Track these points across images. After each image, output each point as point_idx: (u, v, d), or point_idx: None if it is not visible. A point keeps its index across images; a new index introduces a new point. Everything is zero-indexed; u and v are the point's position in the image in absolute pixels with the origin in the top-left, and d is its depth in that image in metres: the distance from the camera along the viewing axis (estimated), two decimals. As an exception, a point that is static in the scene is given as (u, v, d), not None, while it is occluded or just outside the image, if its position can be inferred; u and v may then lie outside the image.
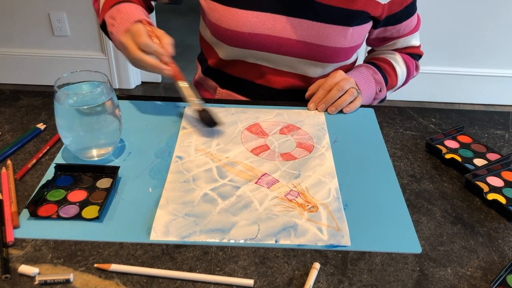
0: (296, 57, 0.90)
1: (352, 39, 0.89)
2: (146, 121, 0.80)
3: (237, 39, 0.88)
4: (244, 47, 0.89)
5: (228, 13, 0.86)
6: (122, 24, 0.77)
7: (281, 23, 0.86)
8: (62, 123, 0.66)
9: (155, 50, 0.73)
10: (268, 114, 0.84)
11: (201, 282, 0.53)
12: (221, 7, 0.87)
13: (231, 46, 0.90)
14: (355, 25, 0.87)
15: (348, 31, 0.87)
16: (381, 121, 0.85)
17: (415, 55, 1.03)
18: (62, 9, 2.20)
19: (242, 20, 0.86)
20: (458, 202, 0.67)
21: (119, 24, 0.77)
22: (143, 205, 0.62)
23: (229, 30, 0.87)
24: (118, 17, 0.78)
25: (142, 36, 0.73)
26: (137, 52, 0.73)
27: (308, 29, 0.86)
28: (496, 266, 0.58)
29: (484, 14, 2.20)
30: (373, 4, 0.86)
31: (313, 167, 0.71)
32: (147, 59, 0.73)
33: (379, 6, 0.87)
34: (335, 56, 0.90)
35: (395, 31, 0.95)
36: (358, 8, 0.86)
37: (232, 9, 0.86)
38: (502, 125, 0.87)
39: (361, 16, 0.87)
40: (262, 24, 0.86)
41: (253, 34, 0.87)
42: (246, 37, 0.87)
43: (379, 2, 0.87)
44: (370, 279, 0.55)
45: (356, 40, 0.90)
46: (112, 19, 0.80)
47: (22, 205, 0.61)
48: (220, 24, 0.88)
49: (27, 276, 0.52)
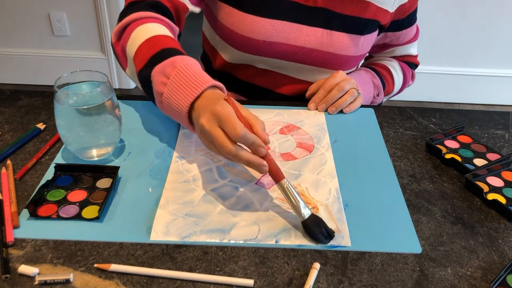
0: (308, 64, 0.90)
1: (362, 47, 0.90)
2: (146, 121, 0.80)
3: (250, 46, 0.87)
4: (256, 54, 0.89)
5: (244, 20, 0.84)
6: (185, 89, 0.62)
7: (296, 32, 0.86)
8: (62, 123, 0.66)
9: (251, 143, 0.57)
10: (268, 114, 0.84)
11: (201, 282, 0.53)
12: (236, 12, 0.85)
13: (242, 51, 0.89)
14: (366, 34, 0.88)
15: (360, 39, 0.88)
16: (381, 121, 0.85)
17: (412, 64, 1.04)
18: (62, 9, 2.20)
19: (257, 28, 0.84)
20: (458, 202, 0.67)
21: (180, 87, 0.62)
22: (143, 205, 0.62)
23: (243, 37, 0.86)
24: (174, 75, 0.63)
25: (238, 127, 0.56)
26: (230, 146, 0.57)
27: (322, 37, 0.86)
28: (496, 266, 0.58)
29: (484, 14, 2.20)
30: (383, 12, 0.87)
31: (313, 167, 0.71)
32: (243, 156, 0.57)
33: (388, 15, 0.88)
34: (346, 64, 0.90)
35: (394, 38, 0.96)
36: (369, 17, 0.86)
37: (248, 15, 0.84)
38: (502, 125, 0.87)
39: (372, 24, 0.88)
40: (277, 33, 0.85)
41: (267, 42, 0.86)
42: (260, 44, 0.86)
43: (388, 11, 0.87)
44: (370, 279, 0.54)
45: (365, 48, 0.91)
46: (165, 77, 0.63)
47: (22, 205, 0.61)
48: (234, 29, 0.86)
49: (27, 276, 0.52)
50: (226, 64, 0.95)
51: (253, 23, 0.84)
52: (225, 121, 0.57)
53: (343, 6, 0.84)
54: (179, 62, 0.64)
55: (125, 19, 0.75)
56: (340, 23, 0.85)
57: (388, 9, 0.87)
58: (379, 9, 0.86)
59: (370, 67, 0.99)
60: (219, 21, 0.89)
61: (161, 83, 0.64)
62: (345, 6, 0.84)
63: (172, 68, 0.63)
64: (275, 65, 0.91)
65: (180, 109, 0.63)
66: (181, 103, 0.62)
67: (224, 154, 0.59)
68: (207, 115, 0.59)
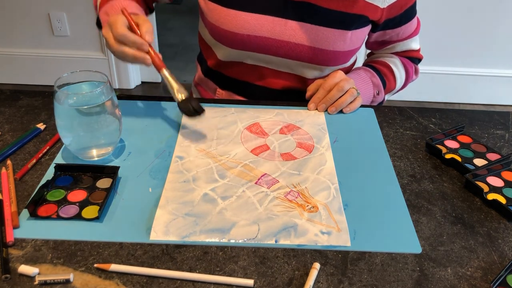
0: (294, 59, 0.90)
1: (351, 42, 0.89)
2: (146, 121, 0.80)
3: (236, 40, 0.88)
4: (243, 49, 0.89)
5: (227, 15, 0.86)
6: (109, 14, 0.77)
7: (280, 26, 0.86)
8: (62, 123, 0.66)
9: (132, 41, 0.70)
10: (268, 113, 0.84)
11: (201, 282, 0.53)
12: (220, 8, 0.86)
13: (229, 47, 0.90)
14: (354, 29, 0.87)
15: (347, 35, 0.87)
16: (381, 121, 0.85)
17: (415, 58, 1.03)
18: (62, 9, 2.20)
19: (241, 22, 0.86)
20: (458, 202, 0.67)
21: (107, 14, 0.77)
22: (143, 205, 0.62)
23: (228, 32, 0.87)
24: (111, 12, 0.78)
25: (118, 27, 0.70)
26: (116, 45, 0.70)
27: (307, 32, 0.86)
28: (496, 266, 0.58)
29: (484, 14, 2.20)
30: (372, 8, 0.86)
31: (313, 167, 0.71)
32: (127, 51, 0.70)
33: (378, 10, 0.87)
34: (333, 59, 0.90)
35: (394, 35, 0.95)
36: (357, 12, 0.86)
37: (231, 10, 0.86)
38: (502, 125, 0.87)
39: (360, 20, 0.87)
40: (261, 27, 0.86)
41: (252, 36, 0.87)
42: (245, 39, 0.87)
43: (378, 6, 0.86)
44: (370, 279, 0.54)
45: (354, 43, 0.90)
46: (105, 15, 0.79)
47: (22, 205, 0.61)
48: (219, 25, 0.87)
49: (27, 276, 0.52)
50: (218, 63, 0.96)
51: (237, 18, 0.85)
52: (112, 26, 0.71)
53: (329, 1, 0.84)
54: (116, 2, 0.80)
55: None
56: (325, 18, 0.85)
57: (379, 5, 0.86)
58: (368, 4, 0.85)
59: (370, 66, 0.99)
60: (207, 19, 0.90)
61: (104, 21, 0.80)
62: (331, 0, 0.84)
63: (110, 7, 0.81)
64: (263, 60, 0.91)
65: None
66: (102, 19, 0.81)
67: (113, 52, 0.72)
68: (105, 26, 0.74)
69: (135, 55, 0.70)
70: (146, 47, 0.71)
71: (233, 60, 0.93)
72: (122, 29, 0.69)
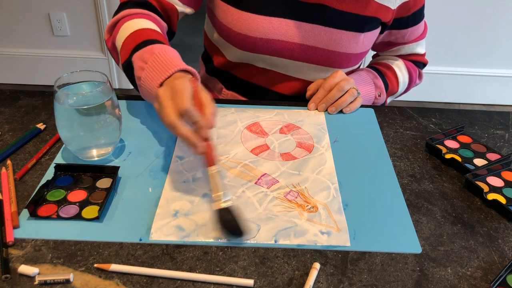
0: (307, 62, 0.89)
1: (363, 45, 0.89)
2: (146, 121, 0.80)
3: (248, 43, 0.87)
4: (254, 52, 0.88)
5: (241, 17, 0.85)
6: (158, 71, 0.64)
7: (294, 29, 0.86)
8: (62, 123, 0.66)
9: (195, 120, 0.59)
10: (268, 113, 0.84)
11: (201, 282, 0.53)
12: (233, 10, 0.85)
13: (240, 49, 0.89)
14: (366, 31, 0.87)
15: (360, 37, 0.87)
16: (381, 121, 0.85)
17: (419, 63, 1.03)
18: (62, 9, 2.20)
19: (254, 25, 0.85)
20: (458, 202, 0.67)
21: (154, 70, 0.64)
22: (143, 205, 0.62)
23: (241, 35, 0.86)
24: (151, 60, 0.65)
25: (186, 100, 0.59)
26: (173, 116, 0.58)
27: (320, 35, 0.86)
28: (496, 266, 0.58)
29: (484, 14, 2.20)
30: (384, 9, 0.86)
31: (313, 167, 0.71)
32: (182, 129, 0.59)
33: (390, 12, 0.87)
34: (345, 61, 0.90)
35: (400, 36, 0.95)
36: (370, 14, 0.85)
37: (245, 13, 0.84)
38: (502, 125, 0.87)
39: (373, 22, 0.87)
40: (274, 30, 0.85)
41: (265, 39, 0.86)
42: (257, 42, 0.86)
43: (389, 8, 0.87)
44: (370, 279, 0.54)
45: (366, 45, 0.90)
46: (143, 62, 0.67)
47: (22, 205, 0.61)
48: (231, 27, 0.86)
49: (27, 276, 0.52)
50: (226, 63, 0.95)
51: (250, 21, 0.84)
52: (177, 94, 0.60)
53: (342, 3, 0.84)
54: (157, 49, 0.67)
55: (115, 16, 0.80)
56: (339, 20, 0.85)
57: (390, 6, 0.86)
58: (381, 6, 0.86)
59: (373, 67, 0.99)
60: (218, 19, 0.89)
61: (139, 68, 0.67)
62: (345, 2, 0.84)
63: (150, 54, 0.67)
64: (274, 64, 0.91)
65: (151, 89, 0.65)
66: (152, 83, 0.65)
67: (166, 124, 0.60)
68: (165, 87, 0.62)
69: (188, 137, 0.59)
70: (206, 133, 0.60)
71: (243, 61, 0.93)
72: (189, 104, 0.59)
